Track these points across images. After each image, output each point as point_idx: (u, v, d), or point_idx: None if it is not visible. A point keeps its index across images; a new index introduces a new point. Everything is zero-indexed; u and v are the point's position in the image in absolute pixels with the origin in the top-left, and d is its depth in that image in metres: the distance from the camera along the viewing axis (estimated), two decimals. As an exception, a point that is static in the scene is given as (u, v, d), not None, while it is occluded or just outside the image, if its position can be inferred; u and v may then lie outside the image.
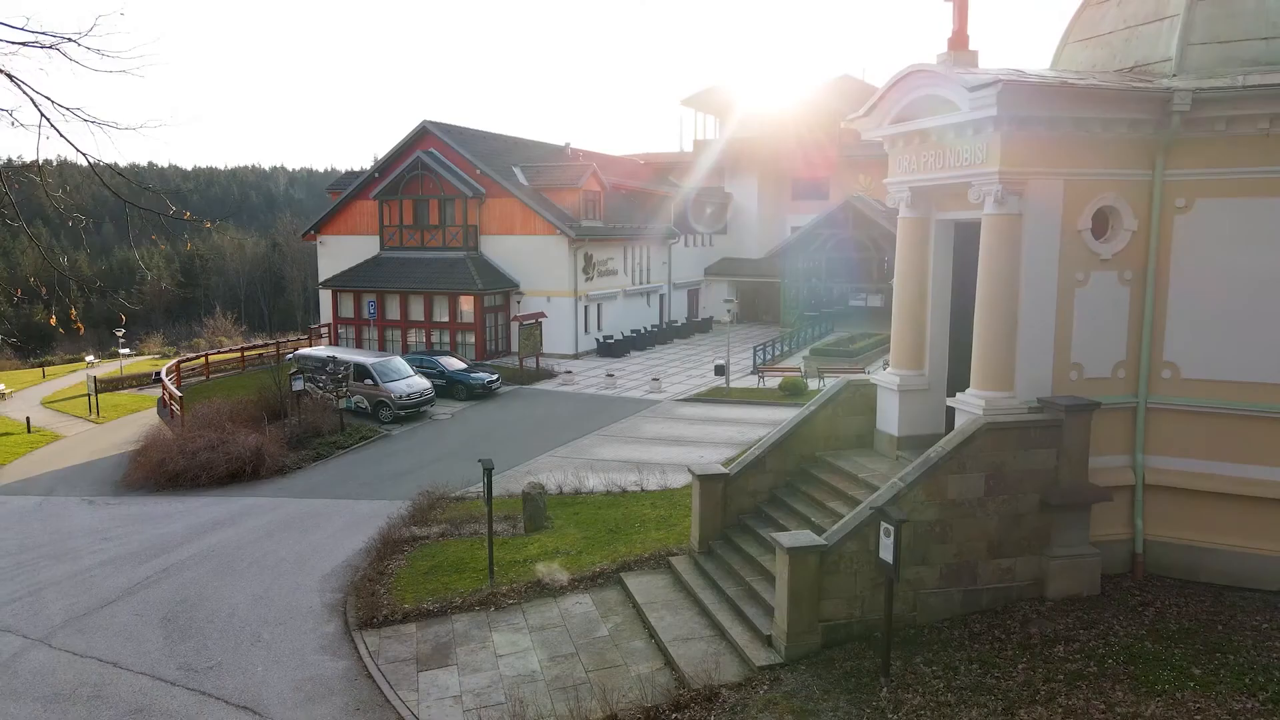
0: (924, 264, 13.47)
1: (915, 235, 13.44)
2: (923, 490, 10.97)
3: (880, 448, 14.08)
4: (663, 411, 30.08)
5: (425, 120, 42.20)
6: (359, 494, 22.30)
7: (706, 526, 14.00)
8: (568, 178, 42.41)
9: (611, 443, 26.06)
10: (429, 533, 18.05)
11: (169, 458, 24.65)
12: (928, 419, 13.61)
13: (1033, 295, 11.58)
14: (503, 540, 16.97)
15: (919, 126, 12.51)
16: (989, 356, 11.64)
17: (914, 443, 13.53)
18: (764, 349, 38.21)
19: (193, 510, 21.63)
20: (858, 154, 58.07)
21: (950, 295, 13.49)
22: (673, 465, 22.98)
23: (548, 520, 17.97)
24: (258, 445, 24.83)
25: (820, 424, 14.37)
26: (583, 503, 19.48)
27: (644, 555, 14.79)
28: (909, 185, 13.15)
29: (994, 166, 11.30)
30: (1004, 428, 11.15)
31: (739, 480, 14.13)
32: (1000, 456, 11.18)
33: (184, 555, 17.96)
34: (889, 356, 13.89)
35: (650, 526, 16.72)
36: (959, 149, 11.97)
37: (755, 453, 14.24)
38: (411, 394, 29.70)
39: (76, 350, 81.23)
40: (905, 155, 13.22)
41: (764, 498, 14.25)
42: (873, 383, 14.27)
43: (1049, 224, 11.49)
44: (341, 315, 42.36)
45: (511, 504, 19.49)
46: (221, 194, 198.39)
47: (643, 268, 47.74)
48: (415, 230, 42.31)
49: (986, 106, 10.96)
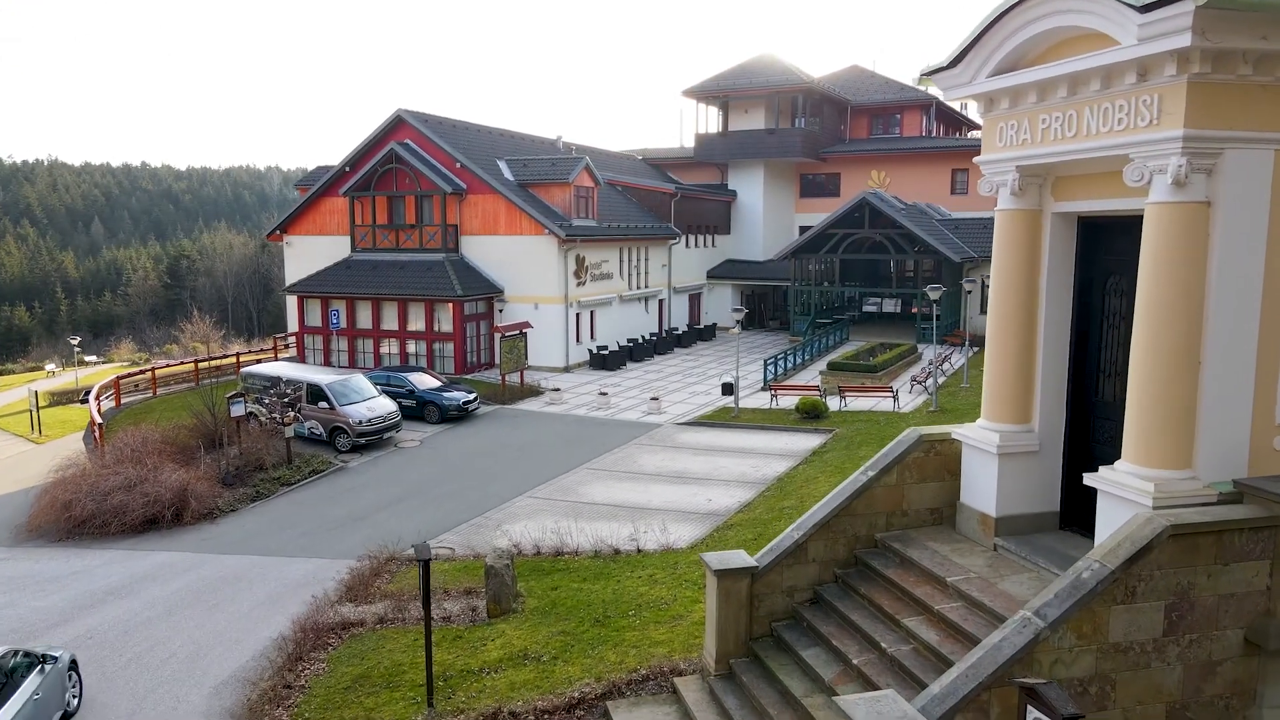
0: (1033, 275, 9.56)
1: (1021, 234, 9.53)
2: (1072, 631, 7.06)
3: (967, 529, 10.16)
4: (662, 439, 26.13)
5: (400, 109, 38.22)
6: (295, 549, 18.37)
7: (726, 639, 10.08)
8: (558, 172, 38.43)
9: (603, 480, 22.12)
10: (367, 614, 14.11)
11: (77, 499, 20.69)
12: (1037, 492, 9.70)
13: (1225, 323, 7.68)
14: (457, 632, 13.04)
15: (1040, 76, 8.59)
16: (1156, 415, 7.74)
17: (1018, 525, 9.63)
18: (775, 362, 34.27)
19: (89, 571, 17.70)
20: (868, 148, 54.28)
21: (1071, 320, 9.58)
22: (675, 512, 19.07)
23: (517, 600, 14.03)
24: (182, 485, 20.88)
25: (882, 495, 10.45)
26: (565, 569, 15.55)
27: (640, 672, 10.86)
28: (1017, 164, 9.24)
29: (1173, 129, 7.40)
30: (1193, 532, 7.24)
31: (771, 574, 10.21)
32: (1187, 576, 7.28)
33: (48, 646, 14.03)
34: (983, 405, 9.98)
35: (649, 617, 12.77)
36: (1108, 106, 8.06)
37: (794, 535, 10.31)
38: (373, 418, 25.74)
39: (45, 357, 77.12)
40: (1012, 120, 9.30)
41: (805, 597, 10.33)
42: (955, 439, 10.34)
43: (1253, 216, 7.59)
44: (309, 324, 38.38)
45: (474, 569, 15.59)
46: (214, 194, 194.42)
47: (640, 271, 43.77)
48: (389, 230, 38.34)
49: (1171, 33, 7.07)
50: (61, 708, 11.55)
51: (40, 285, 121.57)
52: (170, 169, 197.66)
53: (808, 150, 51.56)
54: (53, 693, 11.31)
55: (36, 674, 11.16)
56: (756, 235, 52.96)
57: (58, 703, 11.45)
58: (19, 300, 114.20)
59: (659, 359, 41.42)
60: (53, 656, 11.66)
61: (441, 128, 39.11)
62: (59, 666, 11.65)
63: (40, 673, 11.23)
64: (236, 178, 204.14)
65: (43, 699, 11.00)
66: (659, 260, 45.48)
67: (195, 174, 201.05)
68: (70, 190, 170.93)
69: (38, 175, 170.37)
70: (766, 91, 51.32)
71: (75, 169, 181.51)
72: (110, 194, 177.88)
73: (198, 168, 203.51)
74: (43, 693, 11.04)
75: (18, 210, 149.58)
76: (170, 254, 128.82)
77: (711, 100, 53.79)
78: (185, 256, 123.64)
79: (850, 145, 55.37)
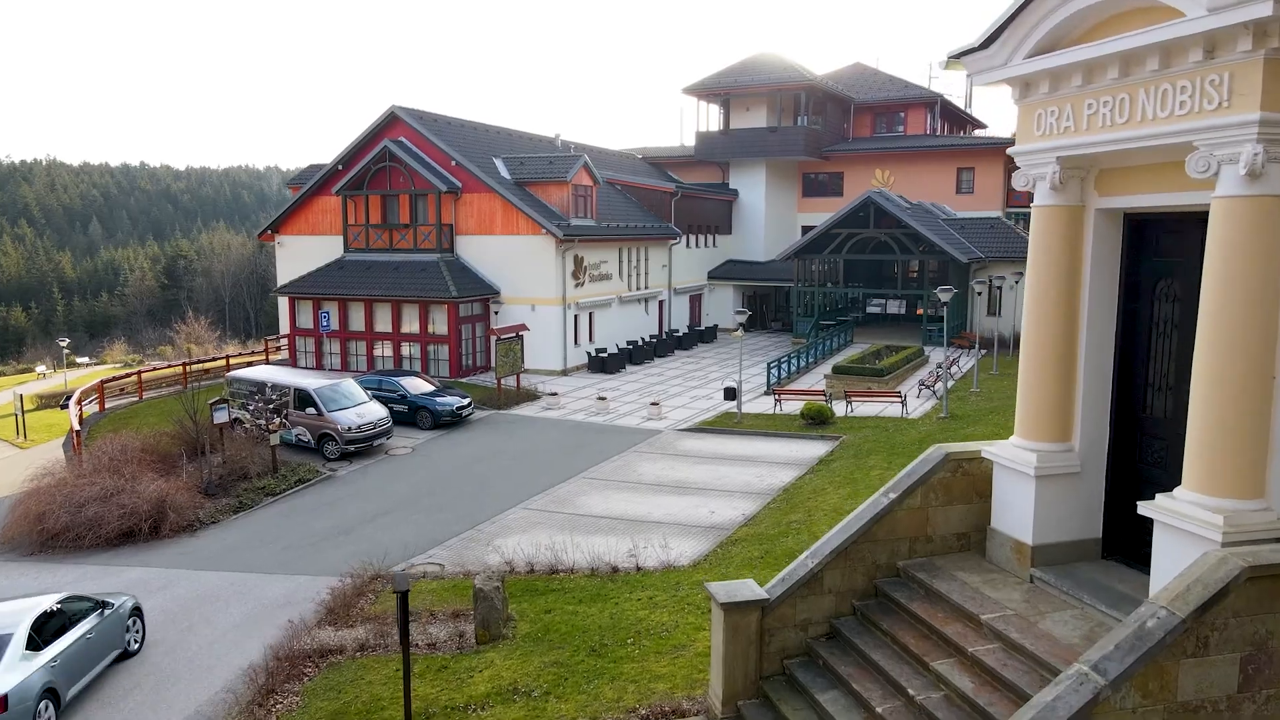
0: (1074, 278, 8.64)
1: (1061, 233, 8.60)
2: (1137, 689, 6.14)
3: (999, 558, 9.23)
4: (663, 445, 25.20)
5: (394, 105, 37.27)
6: (276, 565, 17.45)
7: (734, 679, 9.16)
8: (555, 170, 37.48)
9: (601, 490, 21.20)
10: (347, 640, 13.16)
11: (50, 510, 19.78)
12: (1078, 518, 8.78)
13: (1303, 334, 6.75)
14: (442, 662, 12.11)
15: (1087, 55, 7.66)
16: (1223, 436, 6.83)
17: (1056, 554, 8.72)
18: (778, 365, 33.35)
19: (58, 588, 16.71)
20: (872, 147, 53.35)
21: (1117, 328, 8.66)
22: (676, 526, 18.16)
23: (508, 625, 13.11)
24: (161, 496, 19.96)
25: (904, 519, 9.52)
26: (559, 589, 14.62)
27: (639, 712, 9.93)
28: (1057, 154, 8.31)
29: (1246, 112, 6.48)
30: (1274, 574, 6.32)
31: (783, 607, 9.28)
32: (1266, 624, 6.36)
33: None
34: (1016, 421, 9.06)
35: (649, 646, 11.84)
36: (1167, 88, 7.14)
37: (808, 564, 9.38)
38: (363, 425, 24.80)
39: (39, 358, 76.13)
40: (1053, 106, 8.37)
41: (820, 631, 9.41)
42: (985, 458, 9.41)
43: (1338, 213, 6.66)
44: (301, 326, 37.46)
45: (463, 589, 14.68)
46: (213, 194, 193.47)
47: (640, 272, 42.83)
48: (383, 229, 37.40)
49: (1247, 1, 6.14)
50: (119, 647, 13.29)
51: (37, 286, 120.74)
52: (169, 169, 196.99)
53: (810, 149, 50.63)
54: (108, 634, 12.99)
55: (94, 617, 12.84)
56: (758, 235, 52.03)
57: (114, 643, 13.15)
58: (15, 301, 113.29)
59: (659, 361, 40.50)
60: (110, 603, 13.31)
61: (436, 125, 38.17)
62: (119, 612, 13.39)
63: (98, 616, 12.91)
64: (236, 178, 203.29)
65: (95, 639, 12.62)
66: (659, 261, 44.55)
67: (194, 174, 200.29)
68: (68, 190, 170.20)
69: (36, 175, 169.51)
70: (768, 89, 50.38)
71: (73, 169, 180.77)
72: (108, 194, 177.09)
73: (197, 168, 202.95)
74: (96, 634, 12.66)
75: (15, 210, 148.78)
76: (168, 254, 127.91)
77: (713, 98, 52.85)
78: (183, 257, 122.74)
79: (853, 144, 54.43)
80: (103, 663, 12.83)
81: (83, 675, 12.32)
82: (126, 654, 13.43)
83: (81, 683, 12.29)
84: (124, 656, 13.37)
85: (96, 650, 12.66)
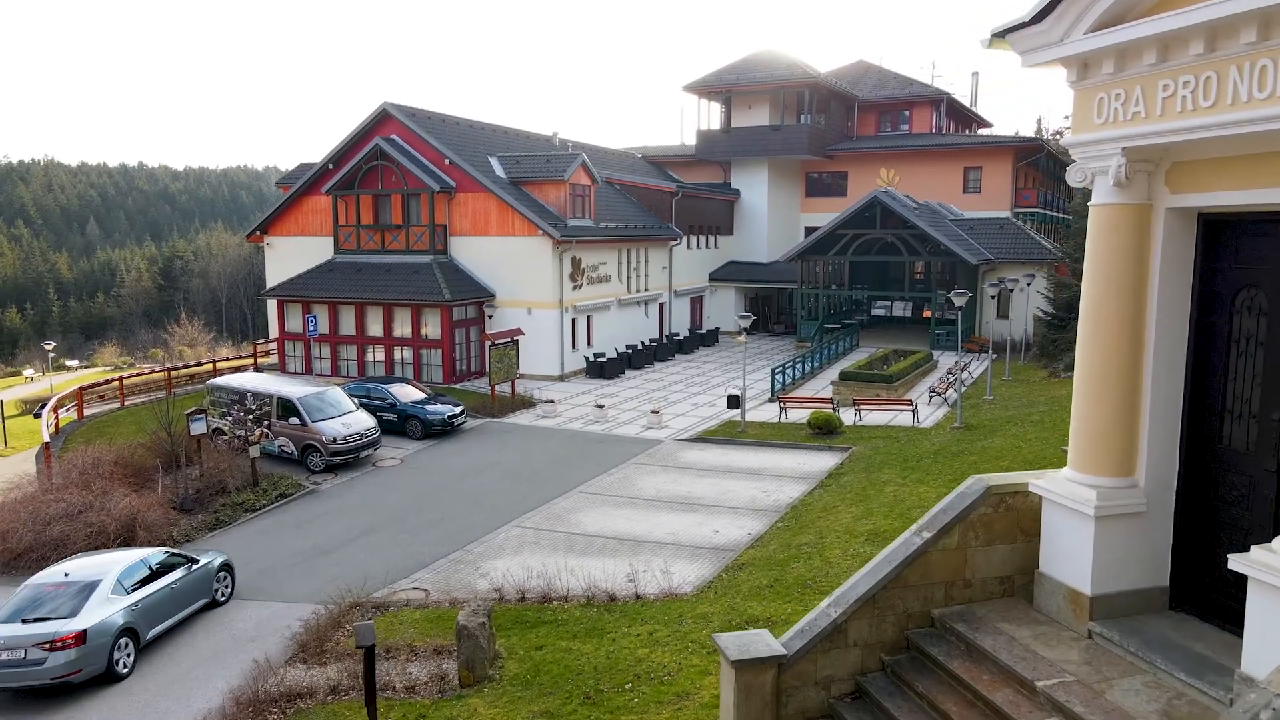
0: (1139, 288, 7.49)
1: (1125, 236, 7.45)
2: (1250, 801, 4.97)
3: (1049, 607, 8.08)
4: (663, 457, 24.04)
5: (386, 103, 36.09)
6: (251, 590, 16.32)
7: (747, 746, 8.00)
8: (553, 169, 36.30)
9: (598, 506, 20.05)
10: (318, 680, 12.03)
11: (14, 529, 18.67)
12: (1142, 564, 7.64)
13: None
14: (420, 710, 10.96)
15: (1165, 28, 6.51)
16: (1338, 483, 5.65)
17: (1118, 605, 7.58)
18: (782, 371, 32.20)
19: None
20: (877, 146, 52.22)
21: (1189, 345, 7.51)
22: (678, 546, 17.02)
23: (495, 664, 11.96)
24: (131, 513, 18.83)
25: (939, 562, 8.37)
26: (552, 621, 13.46)
27: (638, 779, 8.78)
28: (1123, 145, 7.16)
29: (1374, 91, 5.32)
30: None
31: (803, 663, 8.13)
32: (1405, 715, 5.18)
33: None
34: (1070, 451, 7.91)
35: (649, 694, 10.66)
36: (1267, 64, 5.99)
37: (831, 614, 8.23)
38: (349, 435, 23.64)
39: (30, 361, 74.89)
40: (1118, 89, 7.21)
41: (844, 690, 8.26)
42: (1032, 492, 8.26)
43: None
44: (290, 329, 36.30)
45: (448, 620, 13.54)
46: (212, 194, 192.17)
47: (639, 273, 41.66)
48: (374, 230, 36.24)
49: (1386, -46, 4.99)
50: (207, 596, 15.31)
51: (33, 286, 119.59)
52: (167, 169, 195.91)
53: (814, 147, 49.48)
54: (195, 586, 14.98)
55: (182, 570, 14.82)
56: (760, 236, 50.87)
57: (202, 593, 15.17)
58: (10, 302, 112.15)
59: (660, 366, 39.36)
60: (199, 561, 15.30)
61: (430, 123, 37.00)
62: (208, 568, 15.37)
63: (186, 570, 14.87)
64: (234, 178, 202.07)
65: (179, 589, 14.59)
66: (659, 262, 43.39)
67: (192, 174, 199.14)
68: (66, 190, 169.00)
69: (33, 175, 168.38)
70: (771, 86, 49.22)
71: (71, 169, 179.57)
72: (106, 194, 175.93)
73: (195, 168, 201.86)
74: (181, 585, 14.64)
75: (12, 211, 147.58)
76: (165, 255, 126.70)
77: (714, 96, 51.68)
78: (179, 257, 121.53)
79: (858, 142, 53.29)
80: (188, 609, 14.76)
81: (165, 619, 14.21)
82: (214, 603, 15.41)
83: (164, 625, 14.17)
84: (212, 605, 15.36)
85: (182, 598, 14.58)
